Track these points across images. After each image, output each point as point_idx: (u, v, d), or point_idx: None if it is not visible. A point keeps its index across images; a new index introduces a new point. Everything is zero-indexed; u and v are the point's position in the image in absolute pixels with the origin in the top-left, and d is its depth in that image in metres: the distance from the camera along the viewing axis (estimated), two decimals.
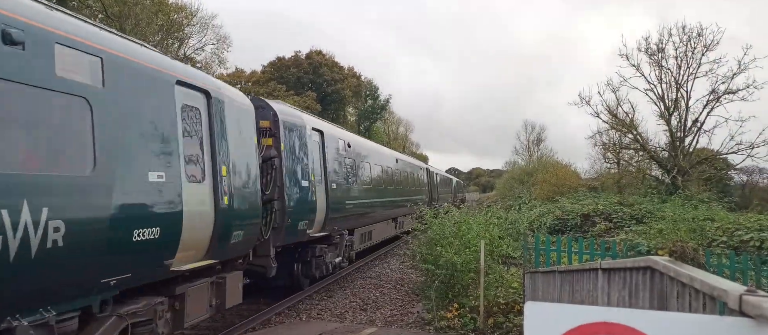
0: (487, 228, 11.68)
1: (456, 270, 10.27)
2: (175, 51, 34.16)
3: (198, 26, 38.77)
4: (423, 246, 11.73)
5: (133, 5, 28.35)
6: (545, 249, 10.37)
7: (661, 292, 3.19)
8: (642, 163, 28.96)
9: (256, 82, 48.89)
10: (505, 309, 10.12)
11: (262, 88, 44.40)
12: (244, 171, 7.80)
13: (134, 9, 28.44)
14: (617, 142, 29.68)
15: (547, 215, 21.39)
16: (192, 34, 38.81)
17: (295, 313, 10.63)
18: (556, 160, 45.07)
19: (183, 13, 37.01)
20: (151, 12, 31.03)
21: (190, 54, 37.37)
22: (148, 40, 27.64)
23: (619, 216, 18.94)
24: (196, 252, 6.55)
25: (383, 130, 75.18)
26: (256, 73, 52.40)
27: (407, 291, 12.91)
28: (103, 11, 27.30)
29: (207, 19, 39.00)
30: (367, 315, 10.72)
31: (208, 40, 40.05)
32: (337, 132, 14.15)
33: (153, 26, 31.10)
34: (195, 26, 38.58)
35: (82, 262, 4.70)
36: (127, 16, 28.06)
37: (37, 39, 4.32)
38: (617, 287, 4.18)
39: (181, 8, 36.67)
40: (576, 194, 27.43)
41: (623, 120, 27.85)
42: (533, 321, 2.15)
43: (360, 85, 60.49)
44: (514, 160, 66.92)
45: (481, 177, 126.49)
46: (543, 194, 31.21)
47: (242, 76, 50.56)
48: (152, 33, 29.90)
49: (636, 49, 26.89)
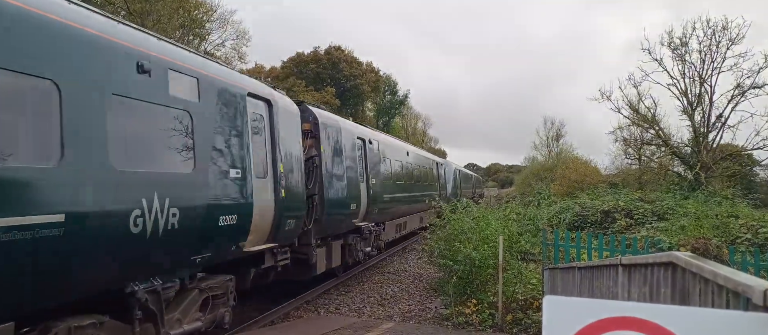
0: (505, 223, 11.61)
1: (474, 265, 10.24)
2: (195, 47, 34.48)
3: (218, 22, 39.09)
4: (441, 242, 11.71)
5: (154, 2, 28.69)
6: (565, 246, 10.28)
7: (683, 288, 3.15)
8: (664, 159, 28.50)
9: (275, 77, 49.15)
10: (523, 305, 10.07)
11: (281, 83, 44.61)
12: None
13: (156, 5, 28.76)
14: (639, 138, 29.29)
15: (566, 211, 21.17)
16: (212, 30, 39.13)
17: (314, 308, 10.71)
18: (575, 156, 44.54)
19: (203, 9, 37.34)
20: (171, 8, 31.36)
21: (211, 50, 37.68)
22: (169, 35, 27.94)
23: (641, 213, 18.66)
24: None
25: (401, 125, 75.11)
26: (275, 68, 52.68)
27: (425, 286, 12.91)
28: (126, 8, 27.67)
29: (226, 14, 39.31)
30: (385, 310, 10.75)
31: (228, 35, 40.35)
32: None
33: (174, 23, 31.43)
34: (215, 22, 38.90)
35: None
36: (148, 12, 28.40)
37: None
38: (638, 283, 4.13)
39: (201, 4, 36.99)
40: (596, 190, 27.12)
41: (645, 115, 27.45)
42: (552, 315, 2.14)
43: (378, 80, 60.45)
44: (533, 155, 66.26)
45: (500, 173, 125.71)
46: (562, 190, 30.91)
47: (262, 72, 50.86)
48: (173, 29, 30.21)
49: (658, 44, 26.48)
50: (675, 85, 26.28)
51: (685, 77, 26.06)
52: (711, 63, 25.21)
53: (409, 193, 18.56)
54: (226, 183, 6.67)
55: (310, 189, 9.97)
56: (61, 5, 4.79)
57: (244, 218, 7.06)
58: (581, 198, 23.48)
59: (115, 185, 4.88)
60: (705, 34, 25.02)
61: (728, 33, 24.49)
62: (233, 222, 6.73)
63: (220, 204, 6.49)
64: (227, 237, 6.72)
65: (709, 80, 25.45)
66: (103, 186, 4.75)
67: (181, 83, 6.02)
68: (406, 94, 69.11)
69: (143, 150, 5.46)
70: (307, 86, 46.33)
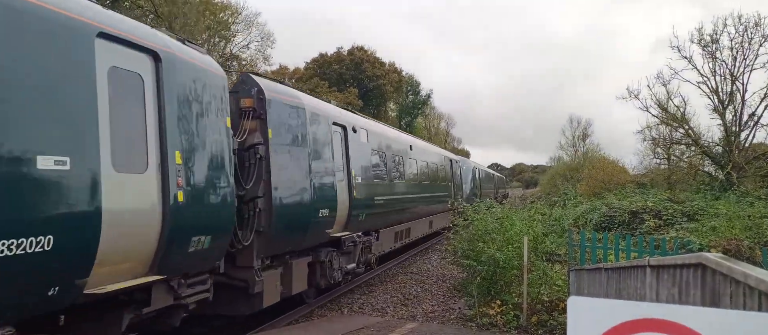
0: (530, 224, 11.50)
1: (498, 266, 10.16)
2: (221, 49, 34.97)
3: (243, 24, 39.59)
4: (464, 242, 11.65)
5: (182, 5, 29.17)
6: (591, 247, 10.14)
7: (713, 290, 3.08)
8: (694, 159, 27.86)
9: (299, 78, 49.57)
10: (549, 306, 9.95)
11: (305, 84, 44.99)
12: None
13: (183, 8, 29.24)
14: (668, 137, 28.68)
15: (593, 212, 20.88)
16: (237, 32, 39.63)
17: (337, 307, 10.75)
18: (602, 155, 43.84)
19: (228, 11, 37.84)
20: (198, 12, 31.84)
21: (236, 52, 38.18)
22: (195, 38, 28.39)
23: (670, 214, 18.30)
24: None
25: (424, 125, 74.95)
26: (299, 69, 53.11)
27: (448, 286, 12.85)
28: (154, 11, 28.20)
29: (251, 17, 39.79)
30: (408, 310, 10.74)
31: (253, 37, 40.83)
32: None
33: (200, 25, 31.91)
34: (240, 24, 39.40)
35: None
36: (176, 15, 28.89)
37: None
38: (666, 285, 4.05)
39: (226, 7, 37.51)
40: (623, 190, 26.67)
41: (674, 114, 26.88)
42: (577, 316, 2.11)
43: (401, 80, 60.45)
44: (559, 155, 65.52)
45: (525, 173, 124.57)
46: (589, 190, 30.48)
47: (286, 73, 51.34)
48: (200, 32, 30.68)
49: (688, 41, 25.88)
50: (705, 83, 25.69)
51: (715, 75, 25.46)
52: (743, 60, 24.59)
53: (414, 195, 16.04)
54: (21, 180, 4.00)
55: (250, 190, 7.37)
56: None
57: (78, 238, 4.42)
58: (608, 199, 23.14)
59: None
60: (737, 31, 24.42)
61: (761, 29, 23.88)
62: (46, 247, 4.09)
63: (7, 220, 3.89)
64: (32, 274, 4.10)
65: (740, 78, 24.83)
66: None
67: None
68: (428, 94, 69.01)
69: None
70: (330, 87, 46.58)
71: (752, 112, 24.54)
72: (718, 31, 24.86)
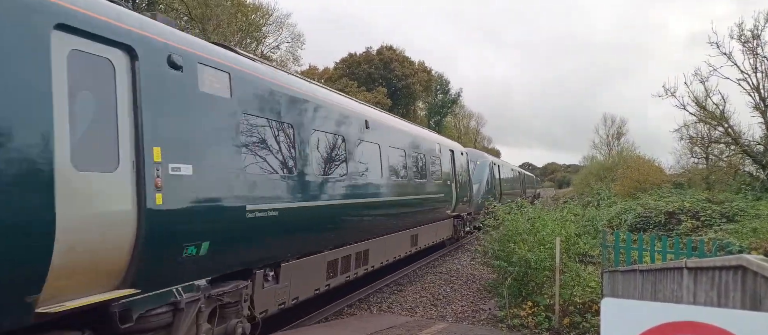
0: (563, 225, 11.33)
1: (530, 267, 10.06)
2: (253, 50, 35.48)
3: (274, 25, 40.09)
4: (495, 243, 11.56)
5: (214, 7, 29.70)
6: (625, 248, 9.94)
7: (754, 293, 2.98)
8: (734, 158, 27.01)
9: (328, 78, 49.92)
10: (582, 308, 9.81)
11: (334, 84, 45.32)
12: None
13: (216, 10, 29.78)
14: (706, 136, 27.87)
15: (627, 212, 20.45)
16: (268, 33, 40.15)
17: (367, 306, 10.79)
18: (638, 155, 42.89)
19: (260, 12, 38.35)
20: (230, 13, 32.37)
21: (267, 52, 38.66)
22: (228, 39, 28.86)
23: (708, 214, 17.80)
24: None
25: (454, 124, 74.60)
26: (328, 70, 53.48)
27: (478, 287, 12.77)
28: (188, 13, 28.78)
29: (282, 18, 40.26)
30: (438, 310, 10.71)
31: (283, 38, 41.31)
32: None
33: (233, 27, 32.44)
34: (271, 25, 39.90)
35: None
36: (209, 18, 29.43)
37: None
38: (704, 288, 3.94)
39: (257, 8, 38.02)
40: (660, 190, 26.03)
41: (713, 112, 26.08)
42: (611, 318, 2.08)
43: (430, 79, 60.32)
44: (593, 154, 64.32)
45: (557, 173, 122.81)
46: (623, 190, 29.88)
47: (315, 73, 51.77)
48: (232, 33, 31.20)
49: (727, 36, 25.11)
50: (746, 79, 24.83)
51: (757, 71, 24.57)
52: None
53: (372, 198, 10.51)
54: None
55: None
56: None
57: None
58: (644, 199, 22.64)
59: None
60: None
61: None
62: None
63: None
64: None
65: None
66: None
67: None
68: (458, 93, 68.69)
69: None
70: (359, 87, 46.78)
71: None
72: (759, 26, 24.01)
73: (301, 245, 7.82)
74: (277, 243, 7.16)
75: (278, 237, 7.11)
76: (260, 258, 6.87)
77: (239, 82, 6.33)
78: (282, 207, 7.04)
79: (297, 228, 7.55)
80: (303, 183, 7.67)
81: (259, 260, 6.84)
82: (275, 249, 7.19)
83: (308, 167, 7.82)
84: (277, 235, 7.07)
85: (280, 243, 7.24)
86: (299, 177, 7.58)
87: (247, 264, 6.59)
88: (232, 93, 6.17)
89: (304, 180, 7.71)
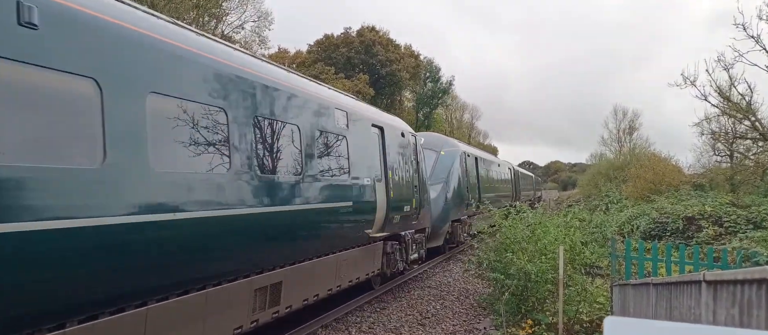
0: (567, 232, 11.42)
1: (529, 280, 10.12)
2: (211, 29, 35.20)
3: (237, 1, 39.82)
4: (491, 252, 11.61)
5: None
6: (638, 258, 10.05)
7: None
8: (762, 156, 27.49)
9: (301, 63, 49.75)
10: (589, 328, 9.89)
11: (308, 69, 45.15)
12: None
13: None
14: (730, 131, 28.29)
15: (640, 217, 20.72)
16: (230, 10, 39.88)
17: (344, 326, 10.77)
18: (652, 152, 43.48)
19: None
20: None
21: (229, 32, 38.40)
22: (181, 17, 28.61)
23: (732, 220, 18.11)
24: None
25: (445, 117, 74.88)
26: (301, 53, 53.31)
27: (472, 303, 12.83)
28: None
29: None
30: (426, 330, 10.73)
31: (248, 16, 41.08)
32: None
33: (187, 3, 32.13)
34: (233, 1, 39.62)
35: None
36: None
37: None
38: (725, 304, 3.98)
39: None
40: (677, 193, 26.40)
41: (738, 103, 26.50)
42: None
43: (418, 66, 60.45)
44: (602, 151, 65.02)
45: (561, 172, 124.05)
46: (636, 192, 30.25)
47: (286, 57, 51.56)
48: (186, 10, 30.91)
49: (755, 17, 25.53)
50: None
51: None
52: None
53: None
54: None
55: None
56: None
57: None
58: (659, 202, 22.96)
59: None
60: None
61: None
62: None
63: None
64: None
65: None
66: None
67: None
68: (450, 82, 68.95)
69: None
70: (336, 72, 46.71)
71: None
72: None
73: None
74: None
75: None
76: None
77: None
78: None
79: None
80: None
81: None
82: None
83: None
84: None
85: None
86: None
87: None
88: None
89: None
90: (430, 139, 19.58)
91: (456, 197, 18.91)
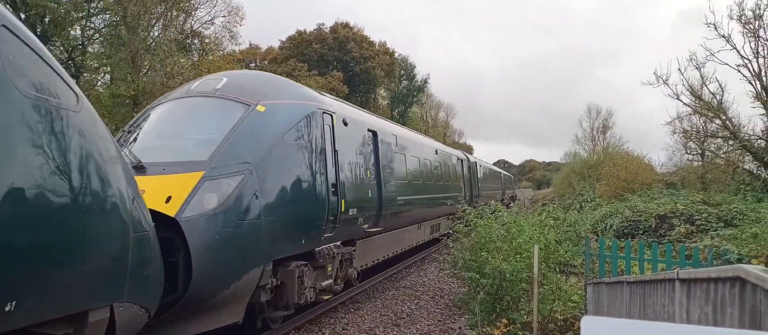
0: (541, 230, 11.50)
1: (504, 279, 10.15)
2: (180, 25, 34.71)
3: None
4: (466, 252, 11.64)
5: None
6: (612, 256, 10.17)
7: (754, 308, 3.05)
8: (732, 155, 28.05)
9: (272, 60, 49.36)
10: (563, 326, 9.97)
11: (280, 66, 44.79)
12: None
13: None
14: (701, 129, 28.83)
15: (614, 216, 20.99)
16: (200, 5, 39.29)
17: (317, 328, 10.70)
18: (626, 151, 44.12)
19: None
20: None
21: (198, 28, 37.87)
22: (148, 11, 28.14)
23: (704, 218, 18.44)
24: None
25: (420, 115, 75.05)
26: (273, 49, 52.90)
27: (447, 303, 12.85)
28: None
29: None
30: (400, 331, 10.71)
31: (218, 12, 40.53)
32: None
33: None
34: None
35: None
36: None
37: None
38: (698, 302, 4.03)
39: None
40: (650, 191, 26.81)
41: (709, 102, 27.00)
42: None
43: (393, 63, 60.45)
44: (575, 150, 65.80)
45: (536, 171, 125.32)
46: (610, 191, 30.64)
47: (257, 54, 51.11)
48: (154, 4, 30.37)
49: (726, 17, 25.97)
50: (746, 66, 25.71)
51: (759, 57, 25.47)
52: None
53: None
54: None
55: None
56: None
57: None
58: (632, 201, 23.27)
59: None
60: None
61: None
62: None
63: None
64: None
65: None
66: None
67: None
68: (425, 80, 69.11)
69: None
70: (309, 70, 46.43)
71: None
72: (762, 5, 24.93)
73: None
74: None
75: None
76: None
77: None
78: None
79: None
80: None
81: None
82: None
83: None
84: None
85: None
86: None
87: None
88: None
89: None
90: (234, 81, 9.65)
91: (279, 209, 8.63)
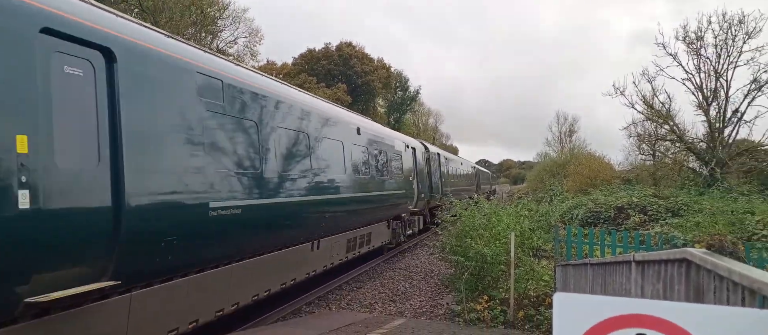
0: (517, 220, 11.55)
1: (486, 262, 10.20)
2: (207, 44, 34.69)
3: (230, 19, 39.26)
4: (452, 238, 11.68)
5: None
6: (577, 242, 10.21)
7: (698, 286, 3.10)
8: (679, 155, 28.16)
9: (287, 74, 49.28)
10: (535, 301, 10.02)
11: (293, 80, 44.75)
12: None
13: (168, 2, 28.93)
14: (653, 133, 28.94)
15: (579, 207, 21.01)
16: (224, 27, 39.29)
17: (325, 303, 10.73)
18: (589, 152, 44.16)
19: (215, 6, 37.49)
20: (183, 5, 31.52)
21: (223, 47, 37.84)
22: (181, 33, 28.16)
23: (655, 209, 18.48)
24: None
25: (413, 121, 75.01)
26: (287, 64, 52.82)
27: (436, 282, 12.89)
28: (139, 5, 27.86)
29: (239, 12, 39.48)
30: (396, 306, 10.74)
31: (240, 33, 40.52)
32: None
33: (186, 20, 31.59)
34: (227, 19, 39.06)
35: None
36: (161, 9, 28.56)
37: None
38: (651, 280, 4.08)
39: (213, 2, 37.15)
40: (609, 186, 26.84)
41: (659, 110, 27.10)
42: (563, 312, 2.11)
43: (390, 76, 60.45)
44: (546, 151, 65.88)
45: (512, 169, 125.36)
46: (575, 186, 30.66)
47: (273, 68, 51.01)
48: (186, 26, 30.37)
49: (673, 38, 26.07)
50: (690, 79, 25.92)
51: (700, 72, 25.68)
52: (727, 57, 24.83)
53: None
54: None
55: None
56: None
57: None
58: (594, 195, 23.29)
59: None
60: (721, 28, 24.65)
61: (745, 26, 24.12)
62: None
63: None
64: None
65: (725, 75, 25.07)
66: None
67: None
68: (417, 90, 69.21)
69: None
70: (318, 82, 46.41)
71: (736, 108, 24.82)
72: (703, 28, 25.11)
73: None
74: None
75: None
76: None
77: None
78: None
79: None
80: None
81: None
82: None
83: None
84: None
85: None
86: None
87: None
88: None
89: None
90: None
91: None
